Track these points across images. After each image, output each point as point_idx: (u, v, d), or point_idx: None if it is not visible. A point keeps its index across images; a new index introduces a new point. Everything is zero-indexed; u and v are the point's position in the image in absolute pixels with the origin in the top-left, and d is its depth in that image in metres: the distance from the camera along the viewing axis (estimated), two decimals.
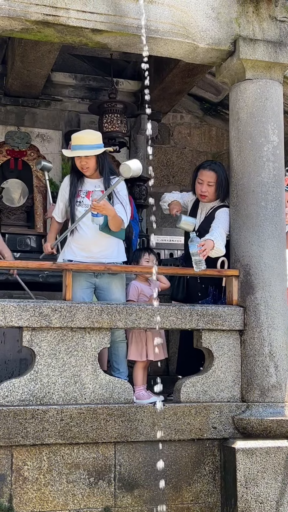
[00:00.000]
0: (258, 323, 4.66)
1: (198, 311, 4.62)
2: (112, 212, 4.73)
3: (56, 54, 6.46)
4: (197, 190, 5.26)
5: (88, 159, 4.85)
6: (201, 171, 5.24)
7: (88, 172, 4.90)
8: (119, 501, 4.31)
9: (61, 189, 5.10)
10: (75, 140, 4.91)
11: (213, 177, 5.17)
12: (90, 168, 4.88)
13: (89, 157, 4.85)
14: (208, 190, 5.18)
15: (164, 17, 4.63)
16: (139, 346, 4.84)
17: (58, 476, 4.20)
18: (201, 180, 5.21)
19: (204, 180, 5.19)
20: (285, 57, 4.85)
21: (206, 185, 5.18)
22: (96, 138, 4.91)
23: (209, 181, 5.17)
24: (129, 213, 4.96)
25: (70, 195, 4.92)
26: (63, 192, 5.05)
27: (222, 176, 5.17)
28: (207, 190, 5.18)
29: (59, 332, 4.34)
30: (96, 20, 4.51)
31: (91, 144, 4.86)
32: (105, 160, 4.96)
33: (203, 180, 5.19)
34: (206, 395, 4.59)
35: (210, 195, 5.20)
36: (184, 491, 4.45)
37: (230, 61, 4.88)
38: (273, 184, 4.80)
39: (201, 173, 5.22)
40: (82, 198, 4.88)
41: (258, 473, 4.36)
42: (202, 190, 5.20)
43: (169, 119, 8.37)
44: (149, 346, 4.80)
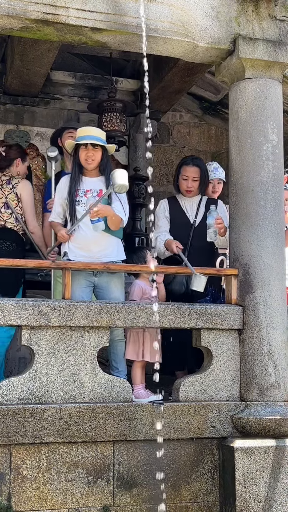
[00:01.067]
0: (257, 322, 4.66)
1: (197, 310, 4.62)
2: (110, 212, 4.74)
3: (56, 52, 6.46)
4: (182, 186, 5.51)
5: (95, 151, 4.87)
6: (184, 168, 5.51)
7: (93, 164, 4.88)
8: (117, 500, 4.31)
9: (58, 190, 5.06)
10: (83, 132, 4.98)
11: (197, 172, 5.48)
12: (95, 161, 4.87)
13: (97, 150, 4.87)
14: (194, 185, 5.47)
15: (163, 16, 4.63)
16: (136, 345, 4.84)
17: (57, 475, 4.20)
18: (186, 176, 5.48)
19: (189, 176, 5.47)
20: (284, 56, 4.85)
21: (191, 181, 5.47)
22: (103, 134, 5.04)
23: (194, 176, 5.47)
24: (127, 211, 4.96)
25: (69, 192, 4.89)
26: (61, 192, 5.00)
27: (204, 171, 5.51)
28: (193, 186, 5.48)
29: (58, 331, 4.34)
30: (96, 18, 4.51)
31: (100, 137, 4.95)
32: (109, 159, 4.98)
33: (188, 176, 5.47)
34: (205, 394, 4.59)
35: (195, 189, 5.49)
36: (182, 490, 4.45)
37: (229, 60, 4.88)
38: (272, 184, 4.80)
39: (184, 169, 5.50)
40: (81, 197, 4.88)
41: (257, 472, 4.36)
42: (188, 186, 5.47)
43: (168, 118, 8.37)
44: (145, 346, 4.79)
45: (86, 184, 4.92)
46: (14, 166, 5.83)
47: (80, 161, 4.91)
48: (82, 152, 4.89)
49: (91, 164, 4.89)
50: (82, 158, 4.89)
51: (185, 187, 5.48)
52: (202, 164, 5.60)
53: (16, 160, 5.83)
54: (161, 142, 8.38)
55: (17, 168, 5.83)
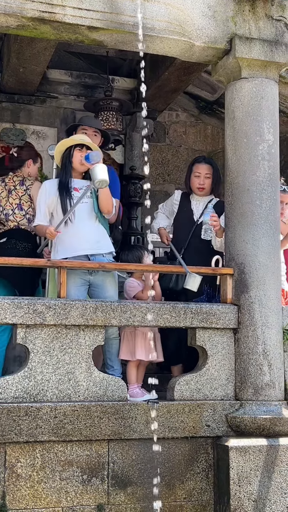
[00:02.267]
0: (252, 321, 4.66)
1: (193, 309, 4.62)
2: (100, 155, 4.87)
3: (52, 51, 6.45)
4: (194, 184, 5.47)
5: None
6: (196, 165, 5.50)
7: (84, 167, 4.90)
8: (112, 498, 4.31)
9: (43, 194, 5.00)
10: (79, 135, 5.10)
11: (210, 170, 5.46)
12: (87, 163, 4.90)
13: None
14: (206, 183, 5.45)
15: (160, 15, 4.63)
16: (129, 345, 4.84)
17: (52, 474, 4.21)
18: (198, 173, 5.46)
19: (201, 173, 5.45)
20: (281, 56, 4.86)
21: (203, 178, 5.45)
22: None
23: (207, 173, 5.45)
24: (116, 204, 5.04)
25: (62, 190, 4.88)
26: (45, 196, 4.96)
27: (217, 170, 5.47)
28: (205, 183, 5.45)
29: (53, 330, 4.34)
30: (92, 17, 4.50)
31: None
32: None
33: (201, 173, 5.45)
34: (200, 393, 4.59)
35: (207, 187, 5.46)
36: (177, 488, 4.46)
37: (226, 59, 4.88)
38: (268, 183, 4.81)
39: (197, 167, 5.48)
40: (73, 192, 4.90)
41: (251, 471, 4.37)
42: (200, 183, 5.44)
43: (164, 117, 8.37)
44: (138, 345, 4.79)
45: (74, 183, 4.97)
46: (25, 167, 5.91)
47: (72, 162, 4.93)
48: (77, 153, 4.93)
49: (84, 166, 4.91)
50: (77, 159, 4.91)
51: (197, 184, 5.45)
52: (215, 163, 5.59)
53: (28, 161, 5.90)
54: (157, 141, 8.38)
55: (28, 169, 5.90)
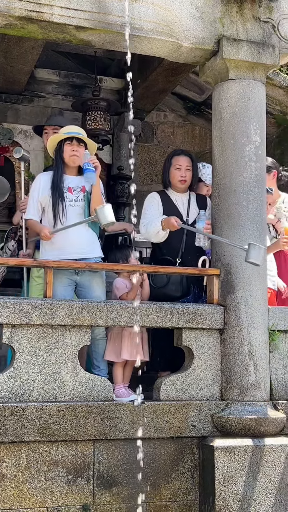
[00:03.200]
0: (238, 322, 4.68)
1: (179, 310, 4.63)
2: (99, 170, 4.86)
3: (40, 50, 6.44)
4: (174, 177, 5.25)
5: (80, 147, 4.91)
6: (176, 158, 5.29)
7: (77, 161, 4.89)
8: (97, 498, 4.31)
9: (36, 188, 4.96)
10: (67, 129, 5.03)
11: (190, 162, 5.29)
12: (80, 158, 4.88)
13: (81, 146, 4.93)
14: (187, 175, 5.26)
15: (148, 16, 4.63)
16: (114, 345, 4.84)
17: (37, 474, 4.20)
18: (178, 165, 5.26)
19: (182, 165, 5.26)
20: (268, 58, 4.87)
21: (185, 170, 5.25)
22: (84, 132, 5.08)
23: (187, 165, 5.27)
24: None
25: (53, 189, 4.86)
26: (38, 191, 4.92)
27: (196, 163, 5.33)
28: (186, 175, 5.25)
29: (39, 330, 4.33)
30: (80, 17, 4.50)
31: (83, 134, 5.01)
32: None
33: (181, 165, 5.26)
34: (186, 393, 4.60)
35: (189, 180, 5.28)
36: (162, 489, 4.46)
37: (213, 60, 4.89)
38: (254, 184, 4.82)
39: (176, 159, 5.28)
40: (65, 193, 4.87)
41: (236, 471, 4.38)
42: (181, 175, 5.24)
43: (152, 117, 8.37)
44: (123, 345, 4.79)
45: (68, 182, 4.92)
46: None
47: (63, 157, 4.91)
48: (67, 147, 4.90)
49: (75, 161, 4.89)
50: (67, 153, 4.89)
51: (178, 177, 5.22)
52: (193, 156, 5.40)
53: None
54: (145, 142, 8.39)
55: None
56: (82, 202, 4.87)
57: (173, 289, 5.01)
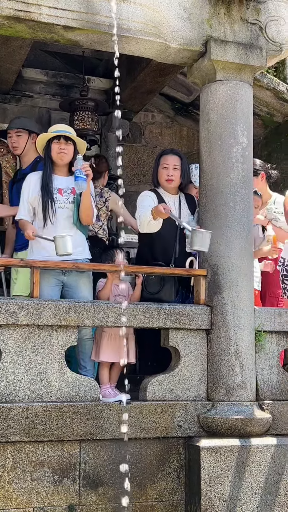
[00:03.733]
0: (225, 322, 4.69)
1: (166, 310, 4.64)
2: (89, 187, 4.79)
3: (28, 50, 6.43)
4: (162, 176, 5.21)
5: (68, 145, 4.89)
6: (164, 157, 5.24)
7: (65, 159, 4.87)
8: (83, 499, 4.31)
9: (26, 190, 4.94)
10: (55, 127, 5.02)
11: (178, 161, 5.20)
12: (68, 155, 4.86)
13: (69, 144, 4.90)
14: (175, 174, 5.18)
15: (136, 16, 4.64)
16: (96, 346, 4.84)
17: (23, 474, 4.19)
18: (166, 164, 5.19)
19: (169, 164, 5.19)
20: (255, 59, 4.89)
21: (172, 169, 5.17)
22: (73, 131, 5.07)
23: (175, 164, 5.18)
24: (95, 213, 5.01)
25: (43, 190, 4.85)
26: (30, 191, 4.91)
27: (185, 162, 5.24)
28: (174, 174, 5.17)
29: (26, 330, 4.32)
30: (68, 17, 4.50)
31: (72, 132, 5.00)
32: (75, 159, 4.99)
33: (169, 164, 5.19)
34: (172, 393, 4.61)
35: (176, 179, 5.20)
36: (148, 489, 4.47)
37: (201, 62, 4.90)
38: (241, 185, 4.84)
39: (164, 158, 5.23)
40: (55, 194, 4.86)
41: (222, 472, 4.39)
42: (168, 174, 5.17)
43: (140, 118, 8.38)
44: (103, 346, 4.78)
45: (58, 182, 4.90)
46: (102, 179, 6.31)
47: (52, 156, 4.89)
48: (55, 145, 4.88)
49: (64, 158, 4.87)
50: (55, 151, 4.87)
51: (165, 176, 5.16)
52: (183, 155, 5.30)
53: (105, 172, 6.33)
54: (133, 142, 8.40)
55: (103, 180, 6.32)
56: (71, 204, 4.84)
57: (166, 295, 5.00)
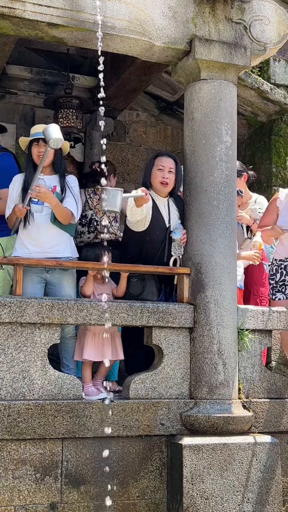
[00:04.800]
0: (208, 321, 4.71)
1: (149, 308, 4.64)
2: (53, 200, 4.72)
3: (12, 46, 6.38)
4: (156, 178, 5.04)
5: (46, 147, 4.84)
6: (159, 158, 5.10)
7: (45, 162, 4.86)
8: (65, 497, 4.30)
9: (11, 189, 4.97)
10: (34, 129, 5.01)
11: (173, 165, 5.08)
12: (48, 158, 4.85)
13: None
14: (170, 177, 5.04)
15: (121, 14, 4.63)
16: (80, 345, 4.83)
17: (4, 472, 4.17)
18: (162, 166, 5.04)
19: (165, 166, 5.04)
20: (239, 59, 4.91)
21: (167, 172, 5.03)
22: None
23: (171, 167, 5.05)
24: (80, 208, 4.96)
25: (23, 191, 4.86)
26: (13, 191, 4.94)
27: (179, 167, 5.13)
28: (169, 177, 5.03)
29: (8, 327, 4.30)
30: (53, 14, 4.48)
31: None
32: (62, 157, 4.98)
33: (164, 166, 5.04)
34: (155, 391, 4.61)
35: (171, 183, 5.06)
36: (130, 487, 4.47)
37: (185, 60, 4.91)
38: (225, 184, 4.85)
39: (160, 160, 5.09)
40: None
41: (204, 470, 4.41)
42: (163, 177, 5.02)
43: (125, 116, 8.37)
44: (86, 345, 4.78)
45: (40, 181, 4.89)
46: (109, 182, 6.17)
47: (32, 159, 4.90)
48: (34, 149, 4.90)
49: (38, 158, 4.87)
50: (35, 154, 4.89)
51: (160, 178, 5.00)
52: (177, 159, 5.14)
53: (111, 175, 6.29)
54: (117, 140, 8.38)
55: (110, 183, 6.23)
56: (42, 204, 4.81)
57: (149, 296, 4.99)
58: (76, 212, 4.89)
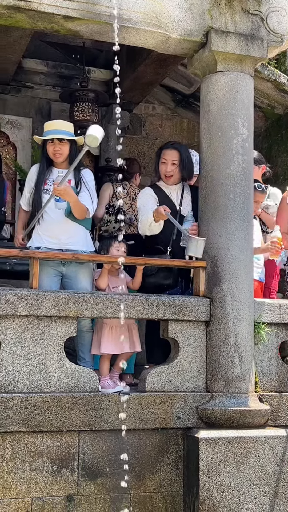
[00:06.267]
0: (224, 314, 4.69)
1: (165, 302, 4.64)
2: (73, 198, 4.74)
3: (28, 40, 6.41)
4: (161, 171, 5.21)
5: (62, 145, 4.88)
6: (163, 151, 5.23)
7: (61, 158, 4.89)
8: (82, 489, 4.32)
9: (28, 179, 5.08)
10: (49, 126, 5.01)
11: (176, 156, 5.17)
12: (63, 154, 4.87)
13: (63, 144, 4.89)
14: (173, 170, 5.16)
15: (137, 6, 4.61)
16: (96, 338, 4.84)
17: (21, 464, 4.20)
18: (164, 159, 5.18)
19: (167, 159, 5.17)
20: (256, 50, 4.87)
21: (170, 165, 5.16)
22: (70, 127, 5.03)
23: (173, 159, 5.16)
24: (95, 204, 4.97)
25: (36, 183, 4.89)
26: (29, 181, 5.03)
27: (185, 155, 5.20)
28: (172, 170, 5.15)
29: (25, 320, 4.32)
30: (68, 7, 4.47)
31: (66, 130, 4.96)
32: (77, 151, 4.98)
33: (167, 159, 5.17)
34: (171, 384, 4.61)
35: (175, 174, 5.18)
36: (147, 479, 4.48)
37: (202, 52, 4.88)
38: (242, 177, 4.83)
39: (164, 153, 5.21)
40: (50, 186, 4.86)
41: (221, 463, 4.40)
42: (166, 170, 5.16)
43: (141, 109, 8.36)
44: (104, 339, 4.78)
45: (55, 175, 4.91)
46: (134, 179, 6.62)
47: (47, 156, 4.92)
48: (49, 147, 4.92)
49: (59, 158, 4.91)
50: (50, 152, 4.91)
51: (163, 171, 5.18)
52: (182, 148, 5.26)
53: (136, 174, 6.62)
54: (133, 134, 8.38)
55: (136, 180, 6.62)
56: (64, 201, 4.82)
57: (162, 276, 5.00)
58: (92, 207, 4.90)
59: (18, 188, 7.15)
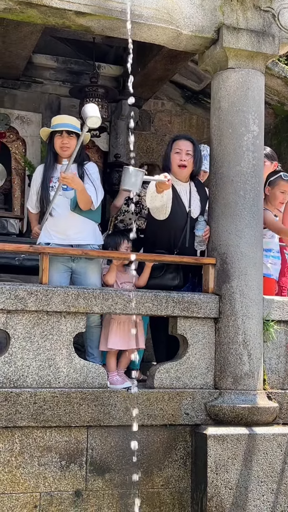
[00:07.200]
0: (233, 311, 4.69)
1: (174, 298, 4.64)
2: (80, 185, 4.74)
3: (38, 35, 6.41)
4: (174, 162, 5.05)
5: (70, 138, 4.90)
6: (177, 142, 5.12)
7: (68, 152, 4.88)
8: (90, 484, 4.33)
9: (33, 180, 5.09)
10: (58, 119, 5.04)
11: (191, 147, 5.09)
12: (70, 148, 4.87)
13: (71, 138, 4.91)
14: (187, 160, 5.05)
15: (148, 2, 4.61)
16: (104, 334, 4.85)
17: (30, 459, 4.21)
18: (179, 149, 5.06)
19: (182, 149, 5.06)
20: (267, 47, 4.86)
21: (185, 154, 5.05)
22: (78, 123, 5.03)
23: (188, 149, 5.06)
24: (100, 196, 4.96)
25: (43, 180, 4.91)
26: (35, 182, 5.03)
27: (198, 148, 5.14)
28: (186, 160, 5.04)
29: (35, 316, 4.33)
30: (80, 2, 4.47)
31: (75, 125, 4.97)
32: (83, 148, 5.00)
33: (182, 149, 5.06)
34: (180, 381, 4.62)
35: (189, 165, 5.07)
36: (155, 476, 4.49)
37: (213, 49, 4.87)
38: (252, 174, 4.82)
39: (177, 143, 5.10)
40: (55, 183, 4.87)
41: (229, 460, 4.41)
42: (181, 159, 5.03)
43: (150, 105, 8.35)
44: (112, 335, 4.79)
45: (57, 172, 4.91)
46: None
47: (55, 149, 4.92)
48: (57, 140, 4.92)
49: (66, 152, 4.91)
50: (57, 145, 4.92)
51: (178, 161, 5.02)
52: (196, 141, 5.17)
53: None
54: (142, 130, 8.36)
55: None
56: (72, 189, 4.84)
57: (170, 278, 5.00)
58: (96, 199, 4.89)
59: (27, 183, 7.16)
